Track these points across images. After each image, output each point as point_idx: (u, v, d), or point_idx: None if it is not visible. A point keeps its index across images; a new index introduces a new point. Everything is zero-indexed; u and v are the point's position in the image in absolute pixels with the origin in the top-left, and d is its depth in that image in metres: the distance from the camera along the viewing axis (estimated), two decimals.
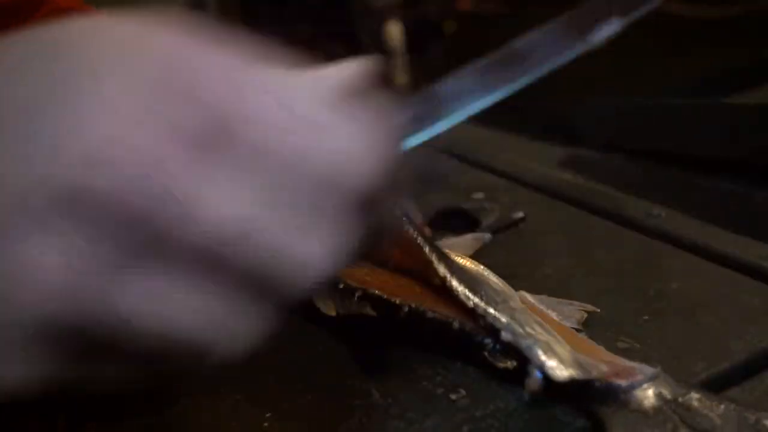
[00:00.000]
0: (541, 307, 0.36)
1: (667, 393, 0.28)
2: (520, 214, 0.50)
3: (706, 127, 0.54)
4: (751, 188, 0.51)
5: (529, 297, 0.37)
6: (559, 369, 0.30)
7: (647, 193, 0.54)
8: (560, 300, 0.37)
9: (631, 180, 0.58)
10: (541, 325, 0.33)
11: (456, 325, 0.34)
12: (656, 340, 0.34)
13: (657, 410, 0.28)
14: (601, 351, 0.32)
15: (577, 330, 0.35)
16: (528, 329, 0.32)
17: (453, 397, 0.33)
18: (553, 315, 0.36)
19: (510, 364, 0.32)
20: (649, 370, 0.29)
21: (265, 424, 0.33)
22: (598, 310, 0.37)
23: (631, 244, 0.45)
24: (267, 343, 0.30)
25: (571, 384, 0.29)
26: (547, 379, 0.30)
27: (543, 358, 0.30)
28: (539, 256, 0.45)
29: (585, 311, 0.37)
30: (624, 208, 0.51)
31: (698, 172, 0.56)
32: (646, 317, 0.36)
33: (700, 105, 0.54)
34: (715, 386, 0.30)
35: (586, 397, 0.29)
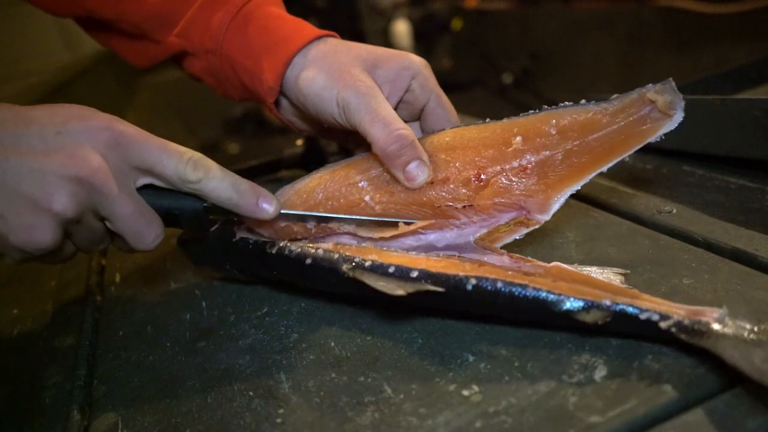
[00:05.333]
0: (585, 272, 0.37)
1: (745, 323, 0.30)
2: None
3: (716, 123, 0.54)
4: (762, 183, 0.51)
5: (567, 266, 0.38)
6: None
7: (658, 189, 0.54)
8: (591, 268, 0.39)
9: (642, 176, 0.58)
10: None
11: (530, 289, 0.35)
12: None
13: (751, 335, 0.29)
14: (664, 301, 0.34)
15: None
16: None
17: (466, 393, 0.33)
18: (600, 277, 0.37)
19: (598, 317, 0.33)
20: (717, 309, 0.32)
21: (278, 420, 0.34)
22: (629, 272, 0.39)
23: (643, 241, 0.45)
24: (280, 342, 0.30)
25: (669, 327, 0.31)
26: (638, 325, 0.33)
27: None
28: (551, 252, 0.45)
29: (620, 273, 0.38)
30: (635, 205, 0.51)
31: (709, 168, 0.56)
32: None
33: (710, 100, 0.54)
34: (729, 381, 0.30)
35: (678, 336, 0.31)
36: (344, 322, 0.42)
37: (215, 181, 0.40)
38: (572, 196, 0.41)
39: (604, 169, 0.40)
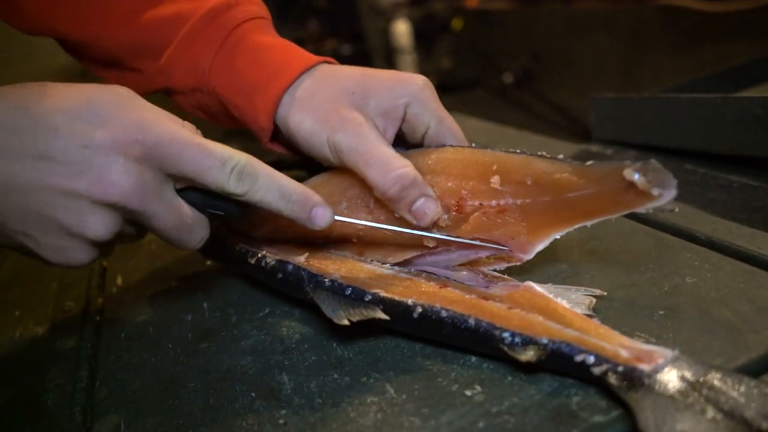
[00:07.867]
0: (549, 295, 0.36)
1: (689, 375, 0.28)
2: None
3: (718, 121, 0.53)
4: (764, 181, 0.51)
5: (536, 287, 0.37)
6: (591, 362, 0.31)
7: None
8: (566, 287, 0.38)
9: None
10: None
11: (472, 321, 0.34)
12: (672, 335, 0.34)
13: (682, 393, 0.28)
14: (618, 336, 0.32)
15: (589, 315, 0.35)
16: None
17: (468, 393, 0.32)
18: (564, 303, 0.36)
19: (531, 355, 0.32)
20: (668, 352, 0.30)
21: (281, 421, 0.34)
22: (606, 293, 0.38)
23: (645, 239, 0.45)
24: (282, 343, 0.30)
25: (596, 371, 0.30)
26: (571, 366, 0.31)
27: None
28: (554, 251, 0.45)
29: (593, 296, 0.37)
30: None
31: (711, 167, 0.56)
32: (662, 312, 0.36)
33: (712, 99, 0.53)
34: None
35: (610, 383, 0.30)
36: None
37: (261, 191, 0.37)
38: None
39: (588, 224, 0.37)
